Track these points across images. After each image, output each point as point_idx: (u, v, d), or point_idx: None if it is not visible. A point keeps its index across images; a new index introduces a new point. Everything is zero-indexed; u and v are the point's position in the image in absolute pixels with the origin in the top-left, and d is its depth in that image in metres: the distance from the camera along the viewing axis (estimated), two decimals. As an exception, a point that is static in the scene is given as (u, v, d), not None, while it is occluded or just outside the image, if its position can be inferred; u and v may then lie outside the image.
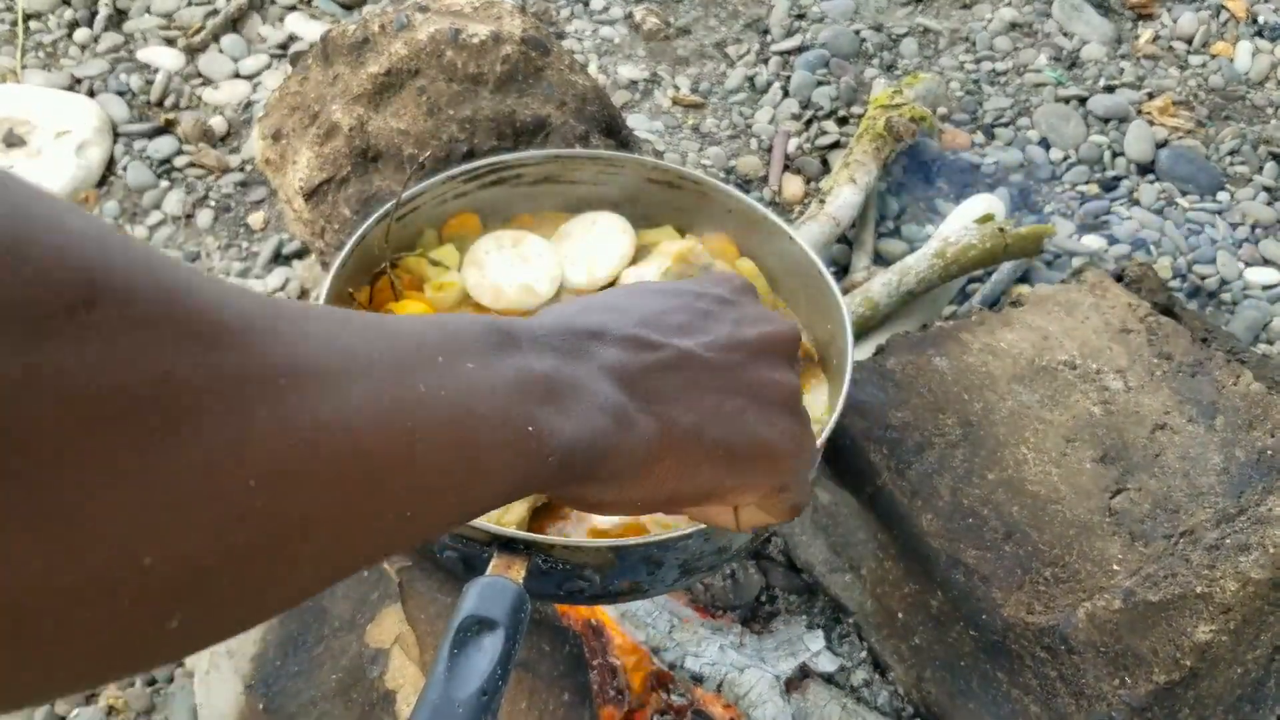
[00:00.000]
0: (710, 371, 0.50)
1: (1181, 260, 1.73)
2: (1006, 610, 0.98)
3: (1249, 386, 1.10)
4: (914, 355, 1.15)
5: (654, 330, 0.49)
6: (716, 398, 0.49)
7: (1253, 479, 1.03)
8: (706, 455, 0.49)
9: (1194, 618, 0.94)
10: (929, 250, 1.52)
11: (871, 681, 1.18)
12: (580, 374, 0.44)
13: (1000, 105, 1.95)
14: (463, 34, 1.35)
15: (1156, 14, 2.16)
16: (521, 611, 0.72)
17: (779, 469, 0.53)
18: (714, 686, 1.12)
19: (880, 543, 1.12)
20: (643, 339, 0.48)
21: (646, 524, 0.87)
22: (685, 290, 0.54)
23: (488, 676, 0.66)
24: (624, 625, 1.15)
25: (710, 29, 2.11)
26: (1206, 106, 1.98)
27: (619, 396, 0.45)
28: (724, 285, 0.56)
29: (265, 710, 0.96)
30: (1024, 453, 1.07)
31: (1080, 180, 1.84)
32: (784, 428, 0.53)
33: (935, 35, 2.10)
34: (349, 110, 1.33)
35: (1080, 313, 1.20)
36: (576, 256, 1.06)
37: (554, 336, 0.44)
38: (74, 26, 1.99)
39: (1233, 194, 1.83)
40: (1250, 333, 1.64)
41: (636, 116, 1.91)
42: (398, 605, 0.97)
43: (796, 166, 1.83)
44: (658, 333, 0.49)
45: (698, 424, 0.48)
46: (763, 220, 1.06)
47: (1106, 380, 1.13)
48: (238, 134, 1.84)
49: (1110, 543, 1.00)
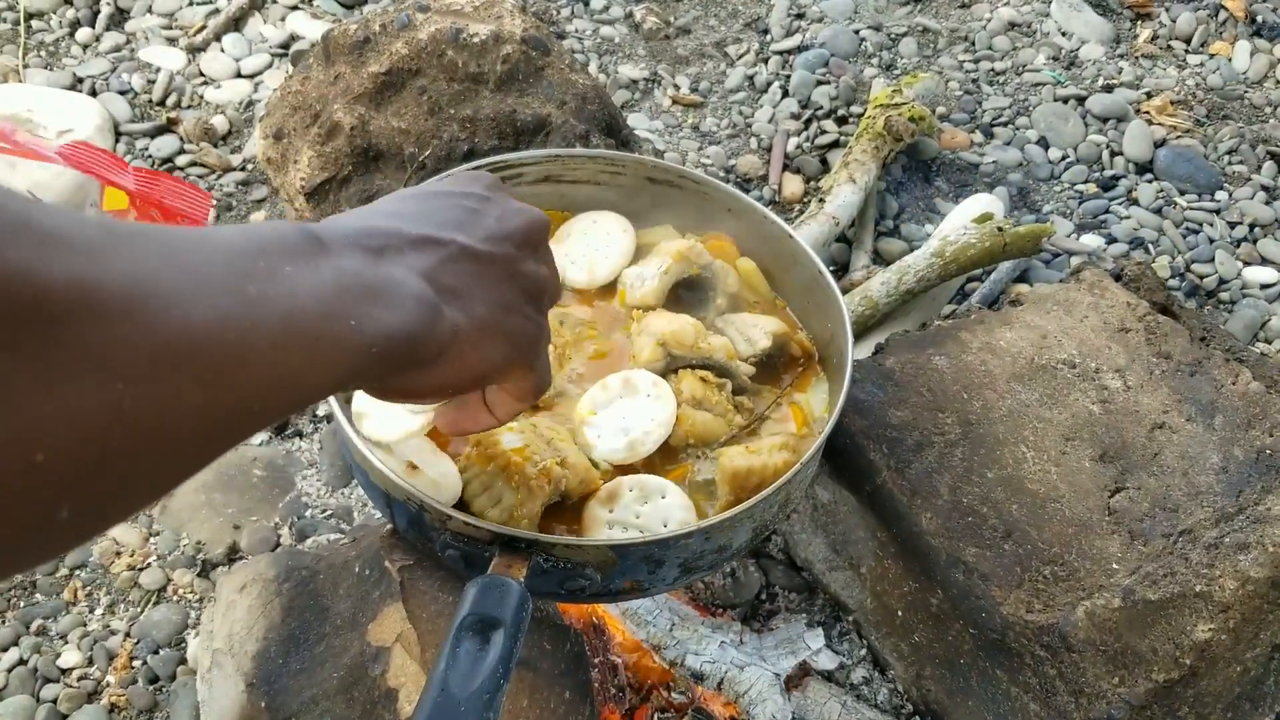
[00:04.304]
0: (489, 264, 0.58)
1: (1180, 259, 1.73)
2: (1006, 608, 0.99)
3: (1247, 386, 1.11)
4: (913, 354, 1.16)
5: (438, 228, 0.56)
6: (498, 289, 0.58)
7: (1251, 478, 1.03)
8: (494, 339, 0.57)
9: (1193, 616, 0.94)
10: (928, 249, 1.53)
11: (871, 679, 1.18)
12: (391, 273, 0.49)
13: (999, 105, 1.95)
14: (463, 33, 1.35)
15: (1155, 13, 2.16)
16: (523, 610, 0.72)
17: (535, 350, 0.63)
18: (714, 684, 1.12)
19: (880, 541, 1.12)
20: (432, 237, 0.55)
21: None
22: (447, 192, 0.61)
23: (489, 674, 0.67)
24: (625, 623, 1.15)
25: (710, 28, 2.11)
26: (1205, 106, 1.98)
27: (426, 290, 0.51)
28: (477, 184, 0.64)
29: (267, 708, 0.96)
30: (1023, 451, 1.07)
31: (1079, 179, 1.84)
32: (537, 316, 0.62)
33: (934, 35, 2.11)
34: (350, 109, 1.34)
35: (1079, 312, 1.20)
36: (577, 255, 1.06)
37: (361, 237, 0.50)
38: (76, 26, 1.99)
39: (1231, 193, 1.83)
40: (1249, 332, 1.64)
41: (636, 116, 1.92)
42: (399, 604, 0.97)
43: (796, 166, 1.83)
44: (441, 230, 0.56)
45: (488, 312, 0.56)
46: (762, 219, 1.07)
47: (1105, 379, 1.13)
48: (239, 133, 1.85)
49: (1109, 541, 1.00)
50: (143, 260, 0.34)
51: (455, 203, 0.60)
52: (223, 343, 0.36)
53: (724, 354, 0.98)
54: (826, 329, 1.03)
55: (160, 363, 0.33)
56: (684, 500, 0.89)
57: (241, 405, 0.38)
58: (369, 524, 1.29)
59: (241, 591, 1.05)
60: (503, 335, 0.58)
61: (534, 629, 0.99)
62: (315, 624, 1.01)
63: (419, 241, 0.54)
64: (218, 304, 0.36)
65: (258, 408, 0.39)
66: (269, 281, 0.40)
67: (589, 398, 0.93)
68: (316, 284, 0.43)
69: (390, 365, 0.48)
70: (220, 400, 0.36)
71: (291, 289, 0.42)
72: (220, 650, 1.03)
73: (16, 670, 1.24)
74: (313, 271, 0.44)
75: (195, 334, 0.35)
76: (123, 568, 1.32)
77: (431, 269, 0.53)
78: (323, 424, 1.46)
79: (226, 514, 1.37)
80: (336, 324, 0.44)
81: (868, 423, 1.09)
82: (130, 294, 0.32)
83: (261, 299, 0.39)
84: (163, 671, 1.24)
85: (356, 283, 0.46)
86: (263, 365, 0.39)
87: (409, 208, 0.57)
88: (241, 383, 0.37)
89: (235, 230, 0.43)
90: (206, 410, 0.36)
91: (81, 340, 0.30)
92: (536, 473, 0.84)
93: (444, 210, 0.58)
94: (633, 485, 0.89)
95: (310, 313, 0.42)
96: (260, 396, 0.39)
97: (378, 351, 0.46)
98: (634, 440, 0.90)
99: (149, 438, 0.33)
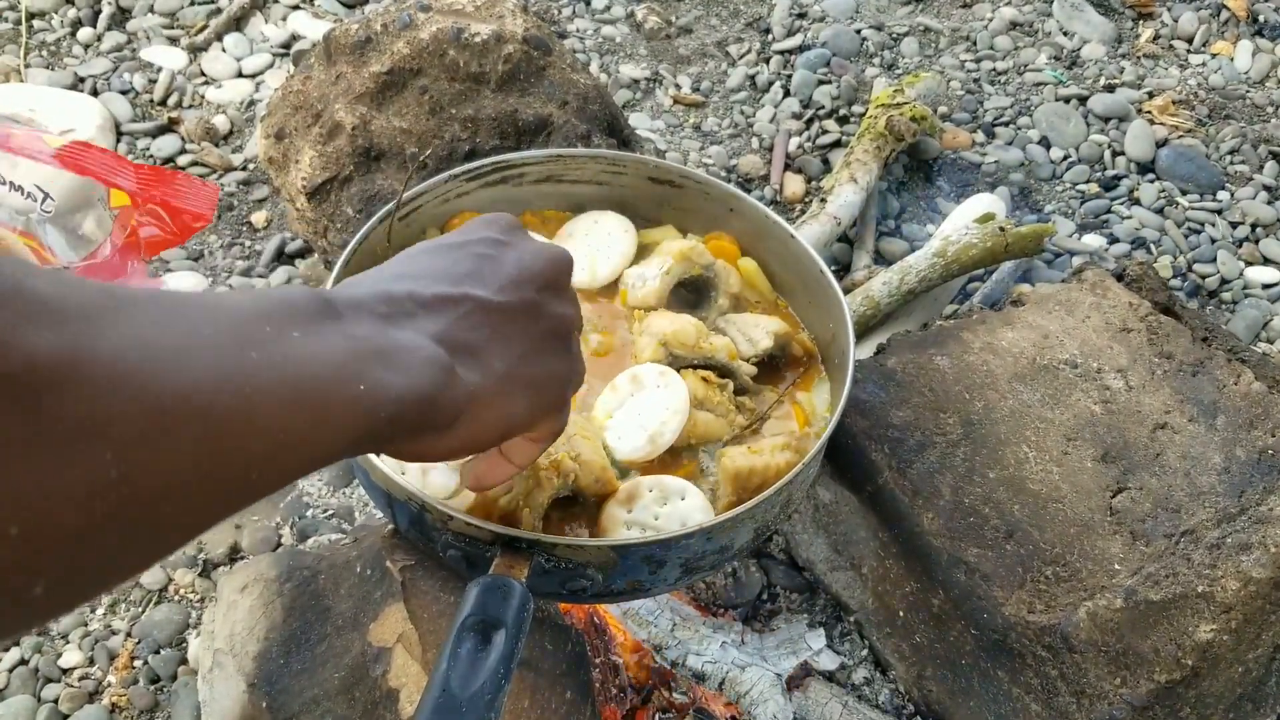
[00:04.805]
0: (506, 315, 0.56)
1: (1182, 259, 1.73)
2: (1007, 609, 0.99)
3: (1250, 386, 1.11)
4: (915, 354, 1.15)
5: (452, 284, 0.54)
6: (518, 341, 0.56)
7: (1254, 478, 1.03)
8: (516, 393, 0.56)
9: (1195, 617, 0.94)
10: (930, 249, 1.52)
11: (872, 680, 1.18)
12: (402, 336, 0.49)
13: (1001, 104, 1.95)
14: (465, 33, 1.35)
15: (1157, 13, 2.16)
16: (524, 610, 0.72)
17: (563, 395, 0.62)
18: (716, 684, 1.12)
19: (881, 541, 1.12)
20: (446, 296, 0.53)
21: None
22: (462, 242, 0.59)
23: (491, 675, 0.67)
24: (626, 623, 1.15)
25: (711, 28, 2.11)
26: (1206, 105, 1.98)
27: (438, 352, 0.50)
28: (493, 227, 0.62)
29: (268, 708, 0.96)
30: (1025, 452, 1.07)
31: (1080, 179, 1.84)
32: (566, 358, 0.61)
33: (936, 34, 2.11)
34: (352, 109, 1.34)
35: (1081, 312, 1.20)
36: (579, 256, 1.06)
37: (372, 302, 0.49)
38: (77, 25, 1.99)
39: (1233, 193, 1.83)
40: (1251, 332, 1.64)
41: (638, 115, 1.92)
42: (400, 604, 0.97)
43: (797, 165, 1.83)
44: (456, 286, 0.54)
45: (508, 367, 0.55)
46: (764, 219, 1.07)
47: (1107, 379, 1.13)
48: (240, 133, 1.85)
49: (1111, 542, 1.00)
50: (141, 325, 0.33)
51: (470, 253, 0.58)
52: (221, 407, 0.35)
53: (726, 354, 0.98)
54: (828, 329, 1.03)
55: (152, 429, 0.32)
56: (703, 502, 0.88)
57: (241, 470, 0.37)
58: (370, 524, 1.29)
59: (243, 591, 1.05)
60: (526, 387, 0.57)
61: (535, 629, 0.98)
62: (316, 624, 1.01)
63: (432, 302, 0.53)
64: (219, 368, 0.36)
65: (257, 474, 0.38)
66: (275, 346, 0.40)
67: (602, 402, 0.93)
68: (325, 349, 0.43)
69: (403, 429, 0.47)
70: (218, 465, 0.36)
71: (299, 353, 0.41)
72: (221, 650, 1.03)
73: (18, 670, 1.24)
74: (321, 337, 0.43)
75: (191, 398, 0.34)
76: (124, 567, 1.32)
77: (445, 330, 0.52)
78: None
79: (228, 514, 1.37)
80: (345, 388, 0.43)
81: (869, 423, 1.09)
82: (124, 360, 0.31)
83: (266, 363, 0.38)
84: (164, 671, 1.24)
85: (366, 347, 0.45)
86: (266, 430, 0.38)
87: (422, 266, 0.56)
88: (242, 447, 0.36)
89: (244, 295, 0.42)
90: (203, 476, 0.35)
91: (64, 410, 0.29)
92: (548, 464, 0.84)
93: (458, 263, 0.57)
94: (652, 486, 0.89)
95: (318, 377, 0.41)
96: (263, 461, 0.38)
97: (387, 416, 0.45)
98: (653, 434, 0.91)
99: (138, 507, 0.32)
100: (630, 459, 0.91)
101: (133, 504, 0.31)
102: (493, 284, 0.56)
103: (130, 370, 0.31)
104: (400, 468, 0.87)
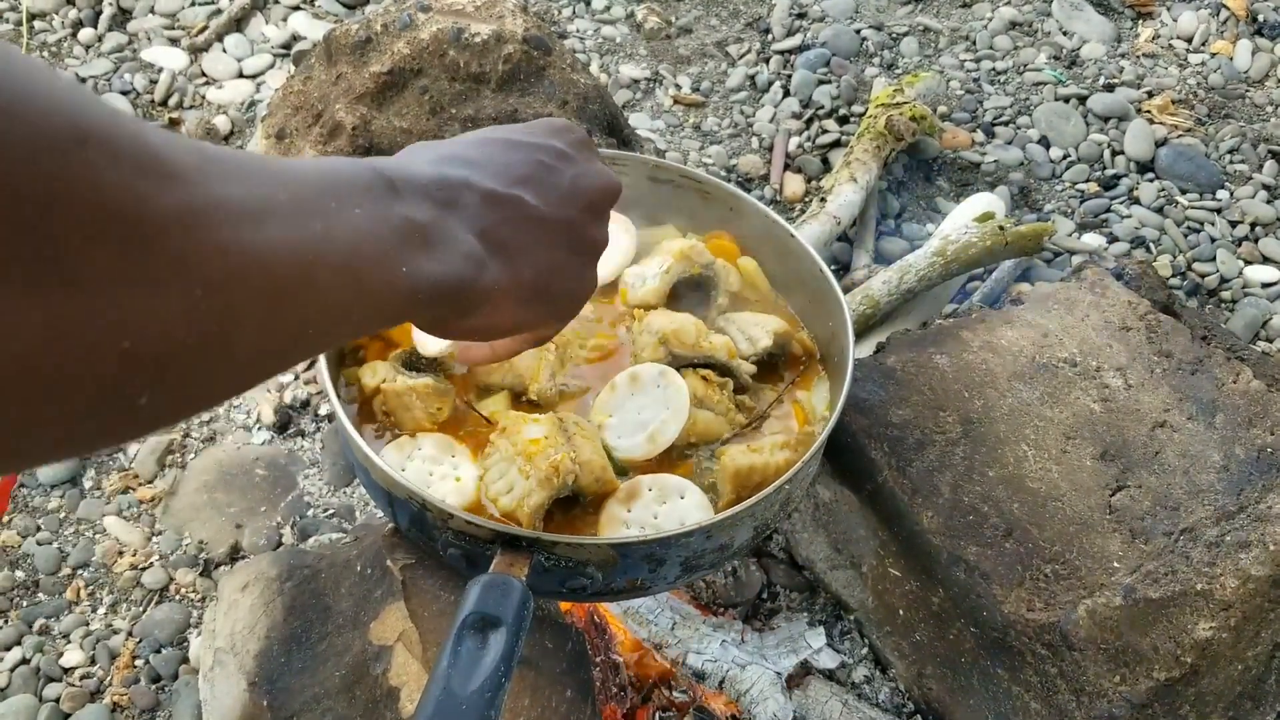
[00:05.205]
0: (547, 227, 0.60)
1: (1181, 258, 1.73)
2: (1007, 607, 0.99)
3: (1249, 384, 1.11)
4: (914, 353, 1.16)
5: (505, 183, 0.58)
6: (550, 251, 0.60)
7: (1252, 476, 1.03)
8: (534, 299, 0.60)
9: (1194, 615, 0.94)
10: (929, 248, 1.53)
11: (872, 678, 1.18)
12: (448, 225, 0.53)
13: (1000, 104, 1.95)
14: (465, 33, 1.35)
15: (1156, 13, 2.16)
16: (525, 608, 0.72)
17: (572, 311, 0.66)
18: (716, 683, 1.12)
19: (881, 540, 1.12)
20: (498, 194, 0.57)
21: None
22: (531, 143, 0.62)
23: (491, 673, 0.67)
24: (626, 622, 1.15)
25: (711, 28, 2.11)
26: (1206, 105, 1.98)
27: (476, 246, 0.54)
28: (564, 137, 0.65)
29: (269, 707, 0.97)
30: (1024, 450, 1.07)
31: (1080, 179, 1.84)
32: (589, 277, 0.64)
33: (935, 34, 2.11)
34: (352, 109, 1.34)
35: (1080, 310, 1.20)
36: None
37: (431, 186, 0.53)
38: (78, 26, 2.00)
39: (1232, 192, 1.83)
40: (1250, 330, 1.64)
41: (638, 115, 1.92)
42: (401, 602, 0.98)
43: (797, 165, 1.83)
44: (507, 185, 0.58)
45: (534, 274, 0.58)
46: (764, 219, 1.07)
47: (1106, 378, 1.13)
48: (241, 133, 1.85)
49: (1110, 540, 1.00)
50: (228, 185, 0.38)
51: (534, 157, 0.61)
52: (287, 267, 0.40)
53: (725, 353, 0.98)
54: (828, 328, 1.03)
55: (232, 276, 0.37)
56: (702, 500, 0.89)
57: (299, 326, 0.42)
58: (371, 523, 1.29)
59: (243, 590, 1.06)
60: (544, 296, 0.60)
61: (535, 628, 0.99)
62: (317, 623, 1.01)
63: (484, 196, 0.56)
64: (288, 233, 0.40)
65: (314, 330, 0.43)
66: (337, 218, 0.44)
67: (601, 402, 0.94)
68: (380, 228, 0.47)
69: (434, 309, 0.52)
70: (281, 317, 0.40)
71: (356, 228, 0.45)
72: (222, 649, 1.03)
73: (19, 669, 1.24)
74: (379, 215, 0.47)
75: (264, 257, 0.39)
76: (125, 567, 1.32)
77: (488, 227, 0.55)
78: (324, 423, 1.46)
79: (229, 513, 1.37)
80: (391, 268, 0.47)
81: (869, 421, 1.09)
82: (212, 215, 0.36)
83: (328, 234, 0.43)
84: (165, 671, 1.24)
85: (415, 233, 0.49)
86: (320, 294, 0.42)
87: (486, 155, 0.59)
88: (300, 307, 0.41)
89: (312, 164, 0.46)
90: (269, 323, 0.40)
91: (168, 251, 0.34)
92: (548, 465, 0.84)
93: (520, 164, 0.60)
94: (652, 484, 0.89)
95: (369, 254, 0.46)
96: (317, 320, 0.43)
97: (422, 299, 0.49)
98: (653, 432, 0.91)
99: (220, 338, 0.37)
100: (630, 458, 0.91)
101: (216, 334, 0.37)
102: (545, 194, 0.60)
103: (217, 224, 0.36)
104: (401, 466, 0.88)
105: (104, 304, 0.32)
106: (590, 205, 0.63)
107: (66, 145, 0.31)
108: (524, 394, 0.95)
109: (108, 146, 0.32)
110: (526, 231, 0.58)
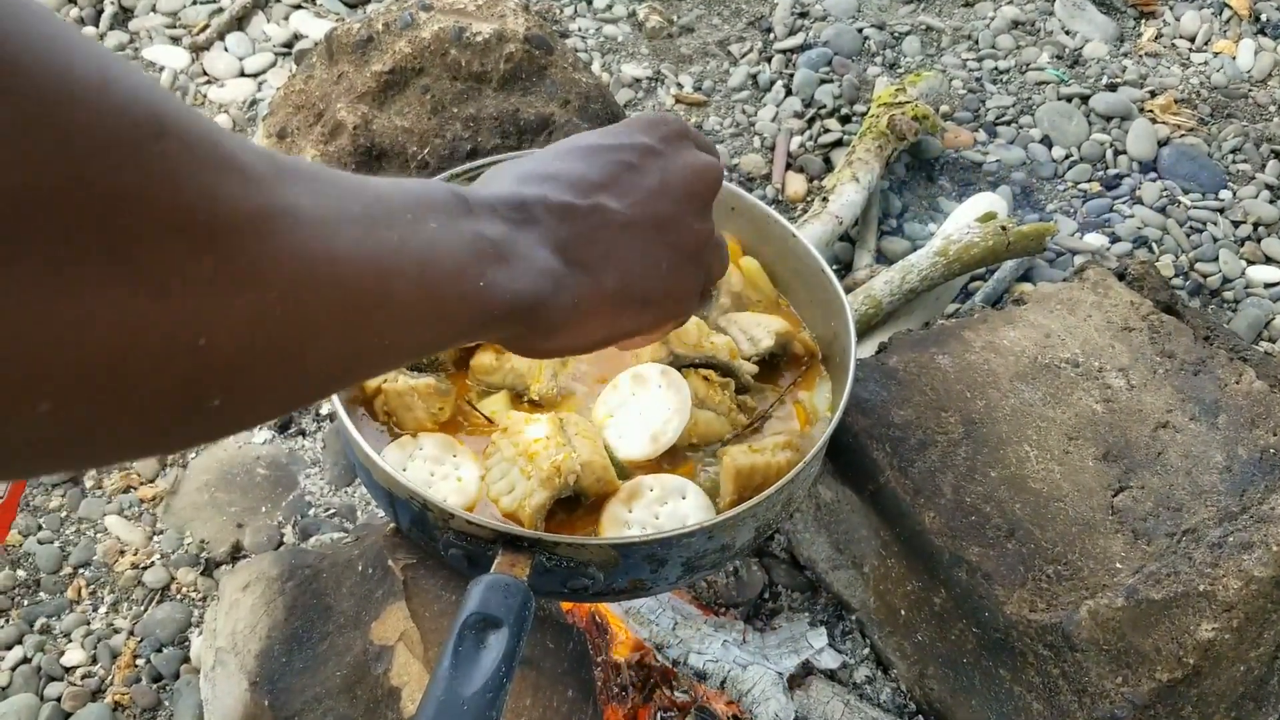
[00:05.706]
0: (632, 230, 0.57)
1: (1184, 258, 1.73)
2: (1009, 608, 0.99)
3: (1251, 385, 1.11)
4: (916, 353, 1.15)
5: (582, 193, 0.55)
6: (638, 254, 0.57)
7: (1255, 477, 1.03)
8: (627, 308, 0.57)
9: (1197, 616, 0.94)
10: (931, 248, 1.52)
11: (874, 678, 1.18)
12: (523, 242, 0.51)
13: (1003, 103, 1.95)
14: (467, 32, 1.35)
15: (1159, 12, 2.16)
16: (526, 609, 0.72)
17: (681, 310, 0.62)
18: (717, 683, 1.12)
19: (883, 540, 1.12)
20: (573, 207, 0.54)
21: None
22: (613, 145, 0.59)
23: (492, 673, 0.67)
24: (628, 622, 1.15)
25: (713, 27, 2.11)
26: (1209, 104, 1.97)
27: (553, 262, 0.52)
28: (654, 131, 0.61)
29: (270, 707, 0.97)
30: (1026, 450, 1.07)
31: (1082, 178, 1.84)
32: (692, 273, 0.61)
33: (938, 33, 2.10)
34: (353, 108, 1.34)
35: (1082, 311, 1.20)
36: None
37: (504, 207, 0.51)
38: (80, 25, 2.00)
39: (1235, 192, 1.83)
40: (1252, 331, 1.64)
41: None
42: (402, 602, 0.98)
43: (799, 165, 1.83)
44: (585, 195, 0.55)
45: (621, 283, 0.56)
46: (766, 218, 1.07)
47: (1109, 378, 1.13)
48: (243, 132, 1.85)
49: (1113, 540, 1.00)
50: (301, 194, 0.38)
51: (614, 159, 0.58)
52: (361, 276, 0.40)
53: (727, 353, 0.98)
54: (830, 328, 1.03)
55: (305, 284, 0.37)
56: (704, 501, 0.88)
57: (375, 337, 0.42)
58: (372, 523, 1.29)
59: (245, 590, 1.06)
60: (638, 302, 0.58)
61: (537, 628, 0.99)
62: (318, 623, 1.01)
63: (560, 210, 0.54)
64: (362, 242, 0.40)
65: (389, 342, 0.43)
66: (412, 231, 0.43)
67: (602, 401, 0.93)
68: (455, 243, 0.46)
69: (509, 327, 0.51)
70: (355, 327, 0.40)
71: (431, 241, 0.45)
72: (223, 649, 1.03)
73: (20, 668, 1.24)
74: (454, 231, 0.47)
75: (339, 265, 0.38)
76: (126, 566, 1.32)
77: (566, 241, 0.53)
78: (325, 423, 1.46)
79: (230, 512, 1.37)
80: (465, 283, 0.46)
81: (871, 422, 1.09)
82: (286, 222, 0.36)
83: (402, 246, 0.42)
84: (166, 670, 1.24)
85: (491, 249, 0.48)
86: (394, 306, 0.42)
87: (562, 167, 0.57)
88: (373, 317, 0.41)
89: (387, 180, 0.46)
90: (343, 332, 0.40)
91: (244, 255, 0.34)
92: (549, 465, 0.84)
93: (599, 170, 0.57)
94: (653, 484, 0.89)
95: (444, 267, 0.45)
96: (392, 332, 0.42)
97: (498, 315, 0.48)
98: (655, 433, 0.91)
99: (293, 344, 0.37)
100: (632, 458, 0.91)
101: (289, 341, 0.37)
102: (628, 197, 0.57)
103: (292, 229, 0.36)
104: (402, 466, 0.88)
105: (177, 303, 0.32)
106: (687, 197, 0.60)
107: (145, 137, 0.30)
108: (525, 394, 0.95)
109: (185, 141, 0.32)
110: (608, 240, 0.55)
